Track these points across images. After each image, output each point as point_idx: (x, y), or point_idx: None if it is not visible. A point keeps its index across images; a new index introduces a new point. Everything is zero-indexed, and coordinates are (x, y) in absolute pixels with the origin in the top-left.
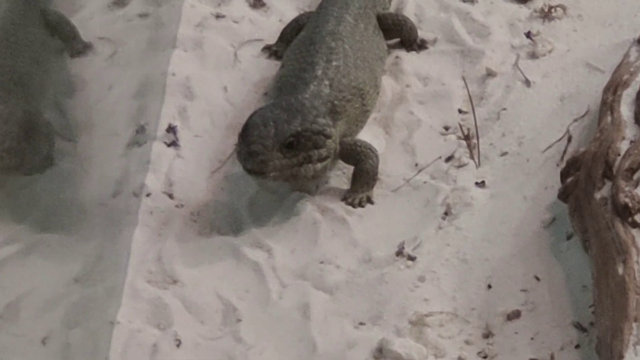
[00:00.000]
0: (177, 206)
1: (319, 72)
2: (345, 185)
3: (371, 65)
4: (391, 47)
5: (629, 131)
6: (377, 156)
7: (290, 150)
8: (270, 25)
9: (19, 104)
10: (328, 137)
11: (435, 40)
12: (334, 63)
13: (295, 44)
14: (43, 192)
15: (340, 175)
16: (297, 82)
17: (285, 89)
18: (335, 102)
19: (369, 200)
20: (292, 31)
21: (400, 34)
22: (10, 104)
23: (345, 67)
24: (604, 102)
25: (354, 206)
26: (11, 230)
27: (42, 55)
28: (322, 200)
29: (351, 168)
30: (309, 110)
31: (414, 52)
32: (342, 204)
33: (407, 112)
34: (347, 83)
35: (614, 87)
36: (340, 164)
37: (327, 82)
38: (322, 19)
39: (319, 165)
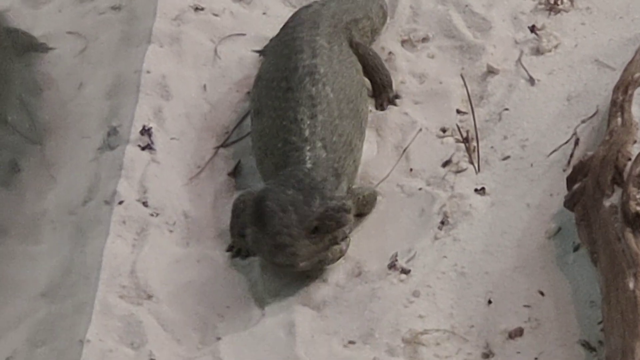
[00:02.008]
0: (152, 215)
1: (307, 133)
2: None
3: (356, 107)
4: (384, 42)
5: None
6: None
7: (316, 234)
8: (253, 19)
9: None
10: (348, 211)
11: (429, 38)
12: (320, 118)
13: (267, 80)
14: (6, 200)
15: None
16: (285, 147)
17: (272, 154)
18: (335, 165)
19: None
20: None
21: (370, 74)
22: None
23: (331, 119)
24: (614, 102)
25: None
26: None
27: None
28: None
29: None
30: (323, 185)
31: (408, 48)
32: None
33: (401, 113)
34: (337, 140)
35: (624, 86)
36: None
37: (320, 144)
38: (294, 46)
39: (344, 245)
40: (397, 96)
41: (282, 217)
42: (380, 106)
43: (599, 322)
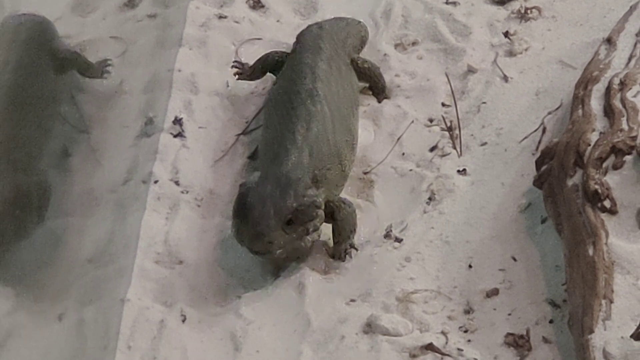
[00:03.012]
0: (182, 192)
1: (299, 141)
2: None
3: (348, 124)
4: (380, 45)
5: (599, 123)
6: (350, 206)
7: (290, 226)
8: (268, 25)
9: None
10: (319, 207)
11: (418, 42)
12: (314, 130)
13: (275, 100)
14: (58, 180)
15: None
16: (279, 150)
17: (268, 155)
18: (316, 171)
19: (353, 247)
20: (262, 67)
21: (369, 80)
22: None
23: (324, 132)
24: (575, 97)
25: (342, 260)
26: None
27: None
28: None
29: None
30: (297, 184)
31: (400, 51)
32: None
33: (395, 105)
34: (326, 151)
35: (585, 83)
36: None
37: (307, 151)
38: (299, 71)
39: (315, 235)
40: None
41: (261, 210)
42: (379, 96)
43: (563, 283)
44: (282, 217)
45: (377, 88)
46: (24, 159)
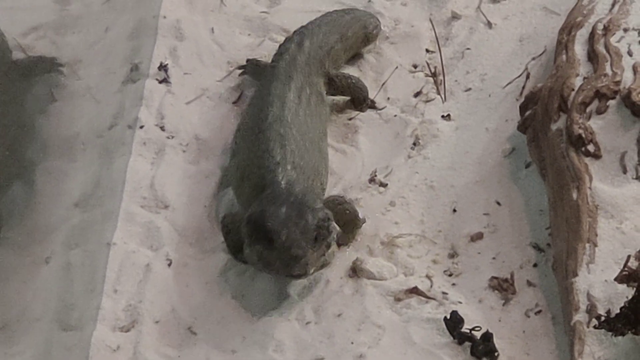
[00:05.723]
0: (168, 137)
1: (279, 158)
2: None
3: (319, 147)
4: None
5: (582, 68)
6: (347, 201)
7: (316, 243)
8: None
9: None
10: (330, 219)
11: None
12: (289, 148)
13: (245, 128)
14: (45, 125)
15: None
16: (260, 170)
17: (249, 179)
18: (305, 184)
19: (373, 104)
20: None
21: (350, 95)
22: None
23: (298, 151)
24: (559, 42)
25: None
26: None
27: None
28: None
29: None
30: (306, 200)
31: None
32: None
33: (379, 51)
34: (304, 165)
35: (568, 28)
36: None
37: (290, 166)
38: (267, 100)
39: (334, 248)
40: (373, 101)
41: (288, 232)
42: (359, 107)
43: (547, 227)
44: (309, 236)
45: (356, 101)
46: None
